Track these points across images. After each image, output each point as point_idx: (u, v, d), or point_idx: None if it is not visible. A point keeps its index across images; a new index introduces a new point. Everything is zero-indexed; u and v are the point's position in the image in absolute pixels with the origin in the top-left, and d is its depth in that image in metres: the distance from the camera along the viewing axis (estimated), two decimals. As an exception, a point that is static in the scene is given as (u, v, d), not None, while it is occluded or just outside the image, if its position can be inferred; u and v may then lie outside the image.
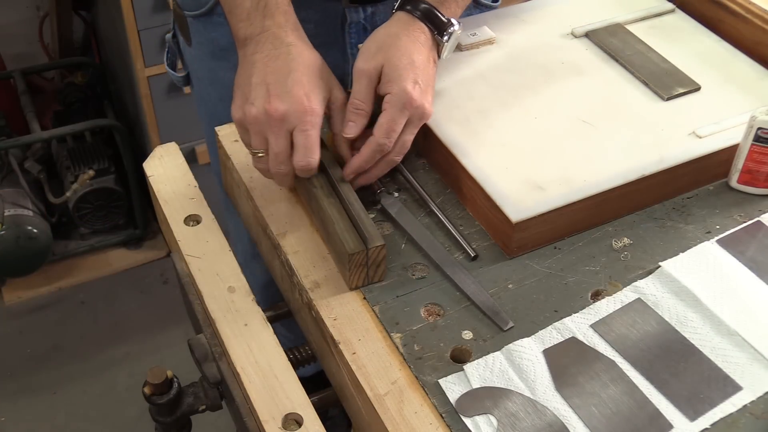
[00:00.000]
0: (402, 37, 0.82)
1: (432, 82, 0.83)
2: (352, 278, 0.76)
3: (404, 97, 0.78)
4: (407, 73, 0.79)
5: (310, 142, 0.77)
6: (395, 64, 0.80)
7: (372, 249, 0.74)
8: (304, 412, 0.68)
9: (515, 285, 0.77)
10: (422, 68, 0.81)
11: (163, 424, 0.84)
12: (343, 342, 0.72)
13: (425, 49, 0.82)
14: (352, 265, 0.74)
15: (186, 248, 0.83)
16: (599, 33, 1.01)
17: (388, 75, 0.80)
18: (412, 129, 0.82)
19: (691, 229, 0.83)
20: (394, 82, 0.79)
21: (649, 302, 0.75)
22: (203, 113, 1.18)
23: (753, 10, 0.98)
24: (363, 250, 0.74)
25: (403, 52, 0.80)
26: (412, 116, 0.80)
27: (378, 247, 0.75)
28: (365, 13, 1.00)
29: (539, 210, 0.78)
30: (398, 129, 0.80)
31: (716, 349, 0.71)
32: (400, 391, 0.68)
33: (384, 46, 0.81)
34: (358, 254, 0.74)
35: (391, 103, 0.79)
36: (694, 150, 0.84)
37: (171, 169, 0.92)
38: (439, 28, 0.83)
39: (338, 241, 0.76)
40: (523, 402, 0.67)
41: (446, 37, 0.83)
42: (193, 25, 1.07)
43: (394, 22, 0.84)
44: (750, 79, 0.94)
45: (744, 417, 0.66)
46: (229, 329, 0.75)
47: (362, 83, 0.81)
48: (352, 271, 0.75)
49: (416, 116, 0.80)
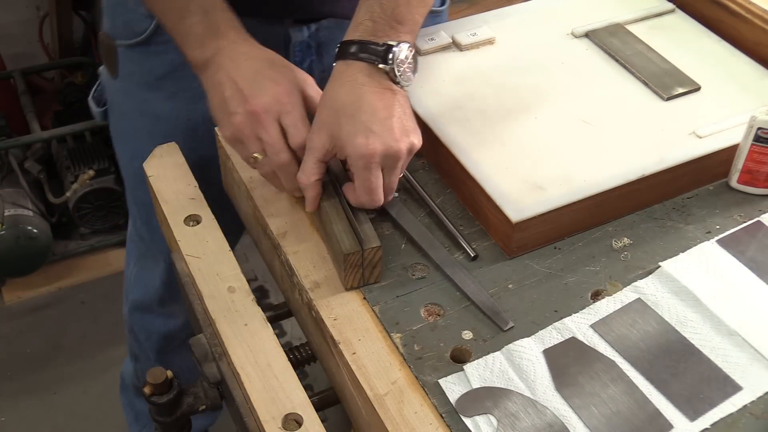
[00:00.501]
0: (340, 90, 0.77)
1: (397, 113, 0.76)
2: (347, 279, 0.76)
3: (360, 153, 0.74)
4: (355, 129, 0.74)
5: (296, 119, 0.77)
6: (340, 125, 0.75)
7: (368, 250, 0.74)
8: (304, 412, 0.68)
9: (515, 285, 0.77)
10: (372, 111, 0.75)
11: (163, 424, 0.84)
12: (343, 342, 0.72)
13: (371, 88, 0.76)
14: (347, 265, 0.75)
15: (186, 248, 0.83)
16: (599, 33, 1.01)
17: (339, 139, 0.75)
18: (395, 172, 0.77)
19: (691, 229, 0.83)
20: (345, 144, 0.75)
21: (649, 302, 0.75)
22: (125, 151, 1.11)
23: (753, 10, 0.98)
24: (358, 250, 0.74)
25: (344, 109, 0.75)
26: (384, 164, 0.76)
27: (374, 248, 0.75)
28: (309, 31, 0.98)
29: (539, 210, 0.78)
30: (376, 184, 0.76)
31: (716, 349, 0.71)
32: (400, 391, 0.68)
33: (326, 111, 0.77)
34: (354, 255, 0.74)
35: (354, 166, 0.75)
36: (694, 150, 0.84)
37: (171, 169, 0.92)
38: (377, 58, 0.76)
39: (335, 242, 0.76)
40: (523, 402, 0.67)
41: (390, 63, 0.76)
42: (124, 55, 1.02)
43: (333, 77, 0.79)
44: (750, 79, 0.94)
45: (744, 417, 0.66)
46: (229, 329, 0.75)
47: (309, 158, 0.77)
48: (347, 272, 0.75)
49: (389, 161, 0.75)
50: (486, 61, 0.97)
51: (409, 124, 0.77)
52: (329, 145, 0.76)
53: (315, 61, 0.98)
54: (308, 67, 0.98)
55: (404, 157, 0.77)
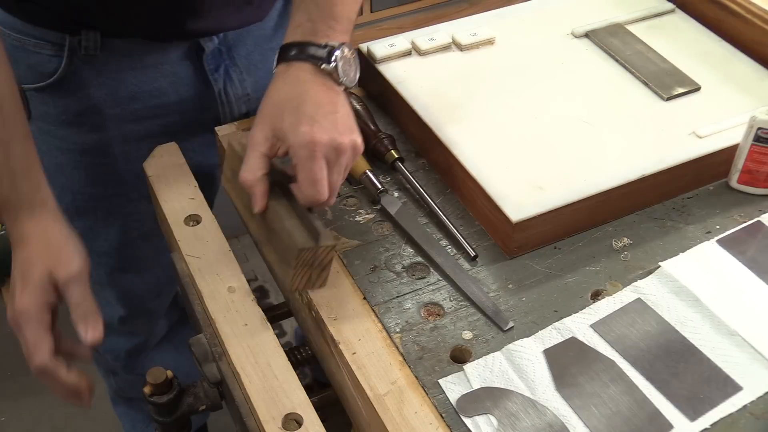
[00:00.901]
0: (283, 86, 0.75)
1: (341, 110, 0.74)
2: (295, 278, 0.72)
3: (305, 141, 0.70)
4: (298, 119, 0.71)
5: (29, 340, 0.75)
6: (282, 117, 0.72)
7: (322, 247, 0.70)
8: (304, 412, 0.68)
9: (515, 285, 0.77)
10: (317, 104, 0.73)
11: (163, 424, 0.84)
12: (343, 342, 0.72)
13: (315, 85, 0.74)
14: (298, 262, 0.70)
15: (186, 248, 0.83)
16: (599, 33, 1.01)
17: (281, 131, 0.72)
18: (338, 169, 0.73)
19: (691, 229, 0.82)
20: (288, 133, 0.72)
21: (649, 302, 0.75)
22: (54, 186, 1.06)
23: (753, 10, 0.98)
24: (312, 246, 0.70)
25: (287, 102, 0.73)
26: (328, 156, 0.71)
27: (329, 246, 0.70)
28: (218, 38, 0.97)
29: (539, 210, 0.78)
30: (320, 175, 0.71)
31: (716, 349, 0.71)
32: (400, 391, 0.68)
33: (268, 106, 0.75)
34: (307, 251, 0.69)
35: (297, 155, 0.71)
36: (694, 150, 0.84)
37: (171, 169, 0.92)
38: (320, 59, 0.75)
39: (285, 237, 0.71)
40: (523, 402, 0.67)
41: (333, 63, 0.74)
42: (35, 98, 0.95)
43: (275, 78, 0.77)
44: (750, 79, 0.94)
45: (744, 417, 0.66)
46: (229, 329, 0.75)
47: (251, 154, 0.74)
48: (296, 270, 0.70)
49: (333, 154, 0.72)
50: (486, 61, 0.97)
51: (352, 123, 0.75)
52: (272, 138, 0.73)
53: (229, 65, 0.98)
54: (224, 71, 0.97)
55: (348, 153, 0.73)
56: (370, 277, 0.79)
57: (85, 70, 0.91)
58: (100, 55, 0.90)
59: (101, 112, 0.95)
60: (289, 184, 0.74)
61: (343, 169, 0.74)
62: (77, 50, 0.89)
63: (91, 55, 0.90)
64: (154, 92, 0.94)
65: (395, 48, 0.98)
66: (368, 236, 0.83)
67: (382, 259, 0.80)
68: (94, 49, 0.89)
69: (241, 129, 0.95)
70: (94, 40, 0.89)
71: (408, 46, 0.98)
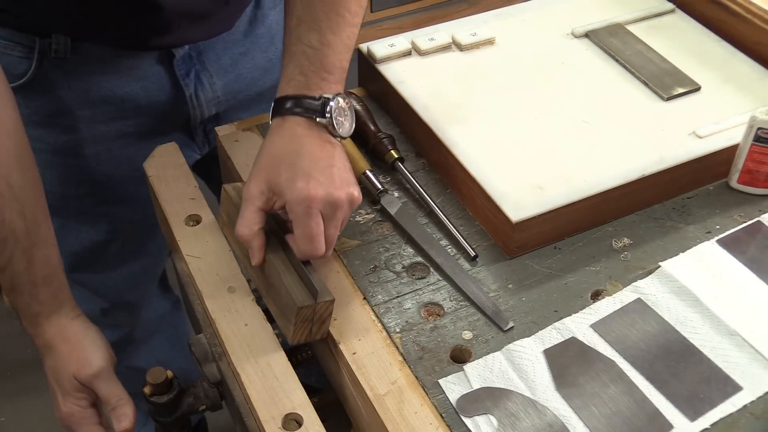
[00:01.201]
0: (279, 141, 0.75)
1: (338, 164, 0.74)
2: (295, 333, 0.72)
3: (301, 197, 0.71)
4: (294, 174, 0.72)
5: None
6: (279, 172, 0.73)
7: (321, 304, 0.70)
8: (304, 412, 0.68)
9: (515, 285, 0.77)
10: (313, 159, 0.73)
11: (163, 424, 0.84)
12: (343, 342, 0.72)
13: (310, 139, 0.74)
14: (298, 319, 0.71)
15: (186, 248, 0.83)
16: (599, 33, 1.01)
17: (277, 185, 0.72)
18: (335, 223, 0.73)
19: (691, 229, 0.82)
20: (284, 189, 0.72)
21: (649, 302, 0.75)
22: None
23: (753, 10, 0.98)
24: (311, 304, 0.70)
25: (284, 157, 0.73)
26: (324, 211, 0.72)
27: (327, 302, 0.71)
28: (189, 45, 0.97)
29: (539, 210, 0.78)
30: (317, 231, 0.71)
31: (716, 349, 0.71)
32: (400, 391, 0.68)
33: (264, 160, 0.75)
34: (306, 308, 0.70)
35: (294, 212, 0.71)
36: (694, 150, 0.84)
37: (171, 169, 0.92)
38: (315, 112, 0.75)
39: (284, 293, 0.72)
40: (523, 402, 0.67)
41: (327, 116, 0.74)
42: None
43: (270, 131, 0.77)
44: (750, 79, 0.94)
45: (744, 417, 0.66)
46: (229, 329, 0.75)
47: (247, 208, 0.74)
48: (297, 326, 0.71)
49: (329, 209, 0.72)
50: (486, 61, 0.97)
51: (349, 176, 0.75)
52: (268, 193, 0.73)
53: (200, 69, 0.98)
54: (195, 76, 0.98)
55: (344, 207, 0.73)
56: (370, 277, 0.79)
57: (56, 72, 0.91)
58: (70, 58, 0.90)
59: (72, 113, 0.95)
60: (286, 235, 0.75)
61: (340, 223, 0.74)
62: (47, 53, 0.89)
63: (62, 58, 0.90)
64: (126, 96, 0.95)
65: (395, 48, 0.98)
66: (368, 236, 0.83)
67: (382, 259, 0.80)
68: (65, 53, 0.89)
69: (241, 129, 0.95)
70: (64, 44, 0.89)
71: (408, 46, 0.98)
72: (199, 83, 0.98)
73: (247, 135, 0.95)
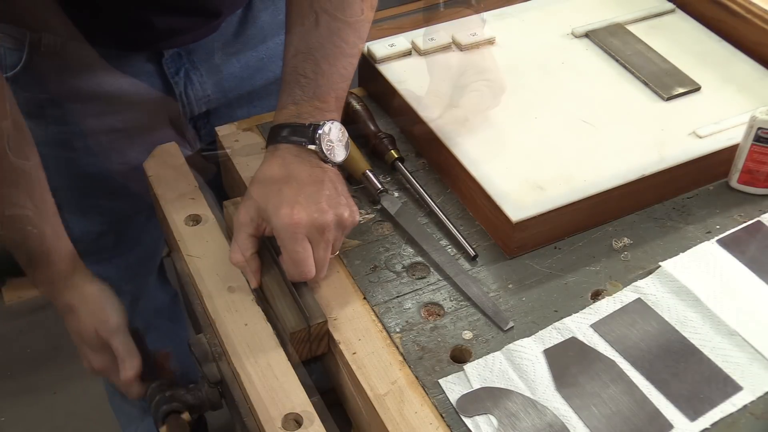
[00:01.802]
0: (270, 168, 0.77)
1: (327, 186, 0.75)
2: (294, 354, 0.74)
3: (285, 224, 0.72)
4: (280, 201, 0.73)
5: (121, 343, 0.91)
6: (267, 198, 0.74)
7: (314, 326, 0.73)
8: (304, 412, 0.68)
9: (515, 285, 0.77)
10: (300, 185, 0.74)
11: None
12: (343, 342, 0.72)
13: (300, 165, 0.76)
14: (294, 342, 0.73)
15: (186, 248, 0.83)
16: (599, 33, 1.01)
17: (265, 212, 0.74)
18: (324, 246, 0.74)
19: (691, 229, 0.82)
20: (270, 215, 0.74)
21: (649, 302, 0.75)
22: None
23: (753, 10, 0.98)
24: (304, 327, 0.73)
25: (272, 184, 0.75)
26: (310, 236, 0.73)
27: (320, 323, 0.73)
28: None
29: (539, 210, 0.78)
30: (304, 255, 0.73)
31: (716, 349, 0.71)
32: (400, 391, 0.68)
33: (255, 187, 0.76)
34: (300, 332, 0.73)
35: (280, 238, 0.73)
36: (694, 150, 0.84)
37: (171, 169, 0.92)
38: (306, 139, 0.77)
39: (279, 317, 0.74)
40: (523, 402, 0.67)
41: (318, 143, 0.76)
42: None
43: (264, 159, 0.79)
44: (750, 79, 0.94)
45: (744, 417, 0.66)
46: (229, 329, 0.75)
47: (239, 234, 0.77)
48: (294, 347, 0.74)
49: (315, 233, 0.73)
50: (486, 61, 0.97)
51: (339, 198, 0.76)
52: (257, 219, 0.75)
53: (189, 68, 0.98)
54: (185, 74, 0.98)
55: (331, 230, 0.74)
56: (370, 277, 0.79)
57: (47, 65, 0.92)
58: (60, 53, 0.90)
59: (62, 106, 0.96)
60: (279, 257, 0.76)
61: (330, 245, 0.75)
62: (38, 47, 0.90)
63: (52, 52, 0.90)
64: (115, 92, 0.95)
65: (395, 48, 0.98)
66: (368, 236, 0.83)
67: (382, 259, 0.80)
68: (55, 47, 0.90)
69: (241, 129, 0.95)
70: (53, 39, 0.89)
71: (408, 46, 0.98)
72: (189, 81, 0.99)
73: (247, 135, 0.95)
